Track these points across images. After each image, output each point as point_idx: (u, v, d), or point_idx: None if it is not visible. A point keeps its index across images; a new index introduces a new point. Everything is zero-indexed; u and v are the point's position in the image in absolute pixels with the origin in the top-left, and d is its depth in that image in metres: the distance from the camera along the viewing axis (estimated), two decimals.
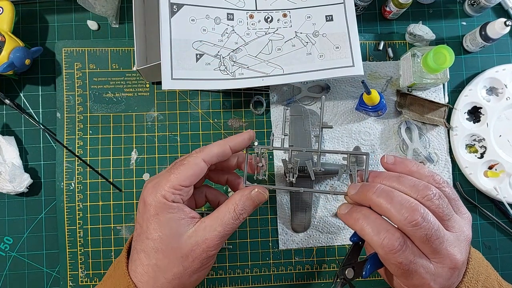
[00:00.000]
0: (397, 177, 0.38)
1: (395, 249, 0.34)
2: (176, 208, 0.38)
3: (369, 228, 0.36)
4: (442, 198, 0.36)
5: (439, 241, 0.34)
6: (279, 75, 0.58)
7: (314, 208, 0.62)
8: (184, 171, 0.39)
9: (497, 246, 0.64)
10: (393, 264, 0.35)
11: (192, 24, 0.57)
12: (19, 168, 0.59)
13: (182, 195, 0.39)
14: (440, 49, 0.56)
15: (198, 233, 0.38)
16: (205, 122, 0.63)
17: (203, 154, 0.40)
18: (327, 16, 0.60)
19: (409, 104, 0.64)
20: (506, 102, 0.63)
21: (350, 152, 0.45)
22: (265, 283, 0.61)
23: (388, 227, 0.35)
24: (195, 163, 0.39)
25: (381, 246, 0.35)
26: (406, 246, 0.34)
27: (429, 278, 0.35)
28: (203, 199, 0.48)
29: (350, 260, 0.42)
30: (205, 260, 0.38)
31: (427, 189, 0.36)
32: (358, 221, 0.37)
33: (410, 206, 0.34)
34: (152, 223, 0.38)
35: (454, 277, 0.36)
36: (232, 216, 0.39)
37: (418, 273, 0.35)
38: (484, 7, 0.64)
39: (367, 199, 0.37)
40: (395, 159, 0.40)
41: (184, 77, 0.55)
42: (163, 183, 0.38)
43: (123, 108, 0.62)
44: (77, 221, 0.60)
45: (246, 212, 0.40)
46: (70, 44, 0.63)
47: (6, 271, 0.59)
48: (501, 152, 0.63)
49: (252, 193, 0.41)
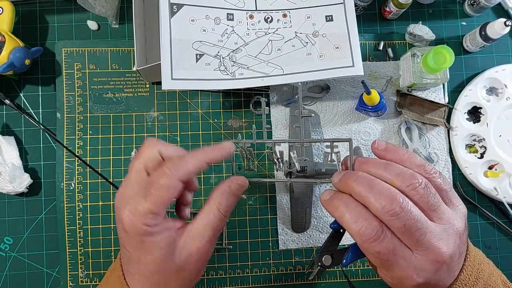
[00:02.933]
0: (384, 165, 0.36)
1: (371, 238, 0.33)
2: (160, 230, 0.36)
3: (348, 215, 0.35)
4: (428, 188, 0.34)
5: (420, 232, 0.33)
6: (279, 75, 0.58)
7: (314, 208, 0.62)
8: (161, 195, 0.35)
9: (497, 246, 0.64)
10: (371, 254, 0.34)
11: (192, 24, 0.57)
12: (19, 168, 0.59)
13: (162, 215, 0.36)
14: (440, 49, 0.56)
15: (189, 245, 0.37)
16: (205, 122, 0.63)
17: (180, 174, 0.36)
18: (327, 16, 0.60)
19: (409, 104, 0.64)
20: (506, 102, 0.63)
21: (332, 140, 0.43)
22: (265, 283, 0.61)
23: (367, 215, 0.34)
24: (173, 186, 0.36)
25: (358, 234, 0.34)
26: (385, 235, 0.33)
27: (411, 271, 0.34)
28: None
29: (329, 247, 0.41)
30: (200, 266, 0.38)
31: (412, 177, 0.34)
32: (337, 208, 0.36)
33: (389, 195, 0.33)
34: (141, 250, 0.36)
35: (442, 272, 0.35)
36: (218, 217, 0.38)
37: (399, 265, 0.34)
38: (484, 7, 0.64)
39: (348, 187, 0.36)
40: (386, 146, 0.38)
41: (184, 77, 0.55)
42: (140, 210, 0.35)
43: (123, 108, 0.62)
44: (77, 221, 0.60)
45: (231, 208, 0.39)
46: (70, 44, 0.63)
47: (6, 271, 0.59)
48: (501, 152, 0.63)
49: (233, 188, 0.40)
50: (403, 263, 0.34)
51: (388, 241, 0.33)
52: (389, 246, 0.33)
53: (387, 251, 0.33)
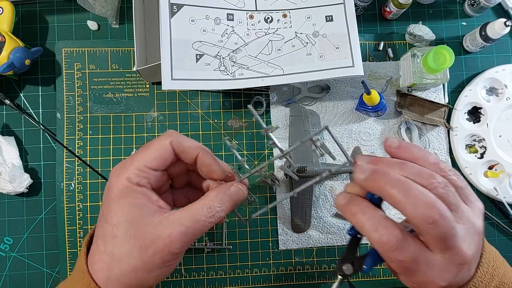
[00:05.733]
0: (400, 164, 0.35)
1: (394, 247, 0.32)
2: (140, 192, 0.34)
3: (367, 223, 0.34)
4: (448, 187, 0.33)
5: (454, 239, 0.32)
6: (279, 76, 0.58)
7: (314, 208, 0.62)
8: (150, 152, 0.35)
9: (497, 246, 0.63)
10: (393, 262, 0.33)
11: (192, 24, 0.57)
12: (19, 168, 0.59)
13: (148, 178, 0.35)
14: (440, 50, 0.56)
15: (163, 225, 0.34)
16: (205, 123, 0.63)
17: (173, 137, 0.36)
18: (327, 17, 0.60)
19: (409, 104, 0.64)
20: (506, 102, 0.63)
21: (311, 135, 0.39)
22: (265, 283, 0.61)
23: (387, 223, 0.33)
24: (163, 144, 0.36)
25: (379, 243, 0.33)
26: (407, 243, 0.32)
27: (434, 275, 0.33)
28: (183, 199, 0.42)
29: (349, 255, 0.39)
30: (167, 257, 0.34)
31: (431, 177, 0.33)
32: (355, 215, 0.35)
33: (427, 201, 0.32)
34: (113, 207, 0.34)
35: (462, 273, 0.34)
36: (205, 213, 0.35)
37: (421, 271, 0.33)
38: (484, 7, 0.64)
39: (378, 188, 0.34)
40: (400, 144, 0.36)
41: (184, 78, 0.55)
42: (127, 164, 0.35)
43: (123, 108, 0.62)
44: (77, 222, 0.60)
45: (223, 210, 0.36)
46: (70, 45, 0.63)
47: (6, 272, 0.59)
48: (501, 152, 0.63)
49: (231, 189, 0.37)
50: (426, 269, 0.33)
51: (411, 249, 0.32)
52: (412, 254, 0.32)
53: (409, 259, 0.32)
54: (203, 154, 0.37)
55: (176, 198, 0.42)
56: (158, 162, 0.35)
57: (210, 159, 0.37)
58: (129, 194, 0.34)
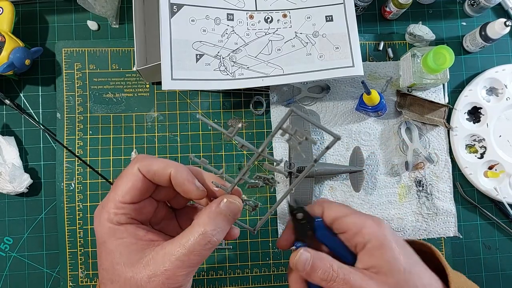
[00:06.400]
0: None
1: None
2: (124, 231, 0.32)
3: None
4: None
5: None
6: (279, 76, 0.58)
7: None
8: (121, 185, 0.33)
9: (497, 246, 0.64)
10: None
11: (192, 24, 0.57)
12: (19, 168, 0.59)
13: (128, 214, 0.33)
14: (440, 50, 0.56)
15: (157, 262, 0.31)
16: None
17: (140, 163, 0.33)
18: (327, 17, 0.60)
19: (409, 104, 0.64)
20: (506, 102, 0.63)
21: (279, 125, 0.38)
22: (265, 283, 0.61)
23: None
24: (131, 173, 0.33)
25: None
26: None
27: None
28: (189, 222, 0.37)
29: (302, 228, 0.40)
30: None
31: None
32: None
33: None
34: (103, 252, 0.33)
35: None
36: (199, 241, 0.31)
37: None
38: (484, 7, 0.64)
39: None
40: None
41: (184, 78, 0.55)
42: (105, 204, 0.33)
43: (123, 108, 0.62)
44: (77, 222, 0.60)
45: (219, 232, 0.32)
46: (70, 45, 0.63)
47: (6, 272, 0.59)
48: (501, 152, 0.63)
49: (222, 206, 0.33)
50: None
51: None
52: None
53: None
54: (176, 174, 0.33)
55: (181, 221, 0.39)
56: (132, 194, 0.33)
57: (183, 178, 0.33)
58: (113, 236, 0.32)
